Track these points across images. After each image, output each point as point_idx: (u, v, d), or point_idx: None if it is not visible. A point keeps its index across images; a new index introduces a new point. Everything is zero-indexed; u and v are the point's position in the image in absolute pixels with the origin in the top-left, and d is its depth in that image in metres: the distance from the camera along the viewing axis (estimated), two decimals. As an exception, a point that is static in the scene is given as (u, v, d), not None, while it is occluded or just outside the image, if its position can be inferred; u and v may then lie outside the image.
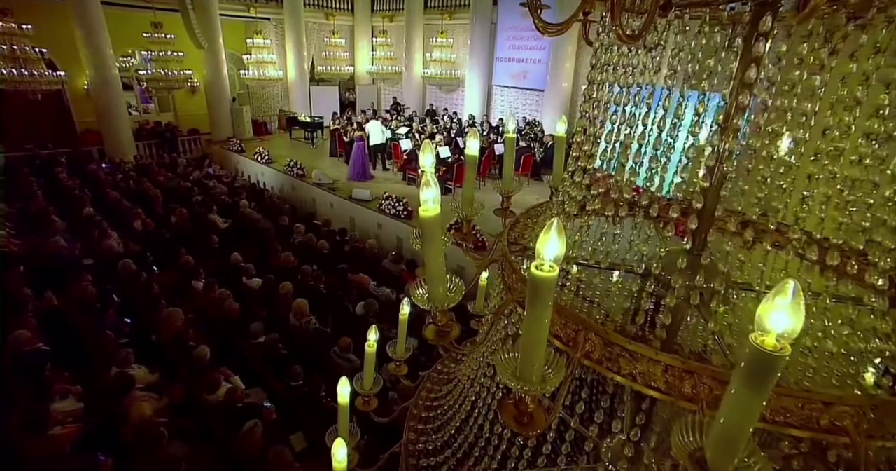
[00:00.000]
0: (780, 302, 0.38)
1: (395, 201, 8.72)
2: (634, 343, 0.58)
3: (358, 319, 5.67)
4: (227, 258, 6.90)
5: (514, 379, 0.50)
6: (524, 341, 0.50)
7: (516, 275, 0.76)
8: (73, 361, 4.59)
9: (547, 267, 0.47)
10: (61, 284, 5.86)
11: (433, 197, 0.62)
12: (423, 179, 0.63)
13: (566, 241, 0.46)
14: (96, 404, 4.03)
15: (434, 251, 0.65)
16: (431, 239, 0.64)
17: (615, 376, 0.60)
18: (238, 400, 4.32)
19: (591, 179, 0.79)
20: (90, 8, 10.69)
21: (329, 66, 16.83)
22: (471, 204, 1.05)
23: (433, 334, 0.73)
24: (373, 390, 1.36)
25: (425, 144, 0.80)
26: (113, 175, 10.68)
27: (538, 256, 0.47)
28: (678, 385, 0.56)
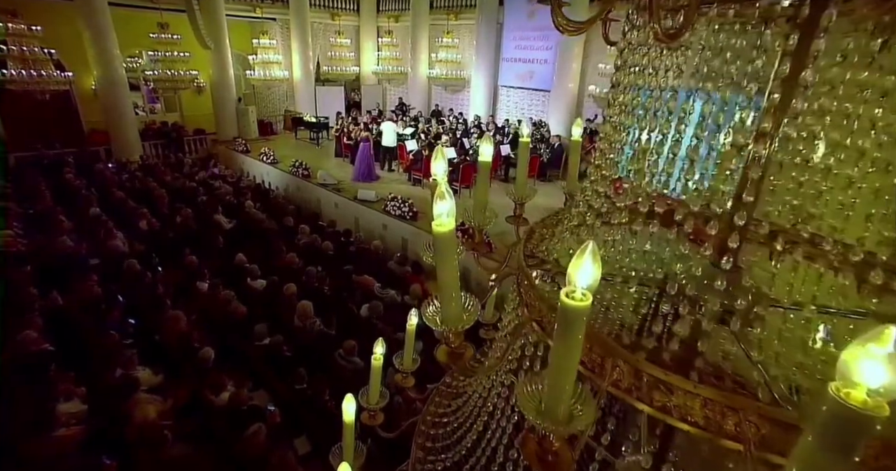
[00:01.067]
0: (875, 351, 0.32)
1: (400, 202, 8.68)
2: (670, 374, 0.52)
3: (362, 321, 5.64)
4: (232, 259, 6.89)
5: (538, 416, 0.45)
6: (551, 375, 0.45)
7: (534, 291, 0.71)
8: (77, 361, 4.58)
9: (579, 295, 0.42)
10: (67, 284, 5.87)
11: (448, 210, 0.58)
12: (437, 191, 0.59)
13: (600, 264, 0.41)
14: (100, 406, 4.02)
15: (448, 268, 0.60)
16: (445, 255, 0.59)
17: (647, 408, 0.55)
18: (242, 403, 4.29)
19: (616, 189, 0.74)
20: (98, 9, 10.75)
21: (334, 66, 16.83)
22: (484, 211, 1.00)
23: (445, 356, 0.68)
24: (379, 404, 1.31)
25: (437, 151, 0.75)
26: (119, 175, 10.72)
27: (570, 281, 0.42)
28: (719, 421, 0.50)
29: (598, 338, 0.59)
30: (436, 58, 15.75)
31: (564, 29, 0.77)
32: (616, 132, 0.72)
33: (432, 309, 0.73)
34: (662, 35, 0.53)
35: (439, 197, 0.58)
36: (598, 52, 12.54)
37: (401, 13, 17.14)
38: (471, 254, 1.05)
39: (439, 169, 0.75)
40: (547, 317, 0.67)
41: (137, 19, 12.70)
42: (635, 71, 0.69)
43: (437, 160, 0.75)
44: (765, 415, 0.47)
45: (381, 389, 1.33)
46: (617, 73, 0.79)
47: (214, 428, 4.13)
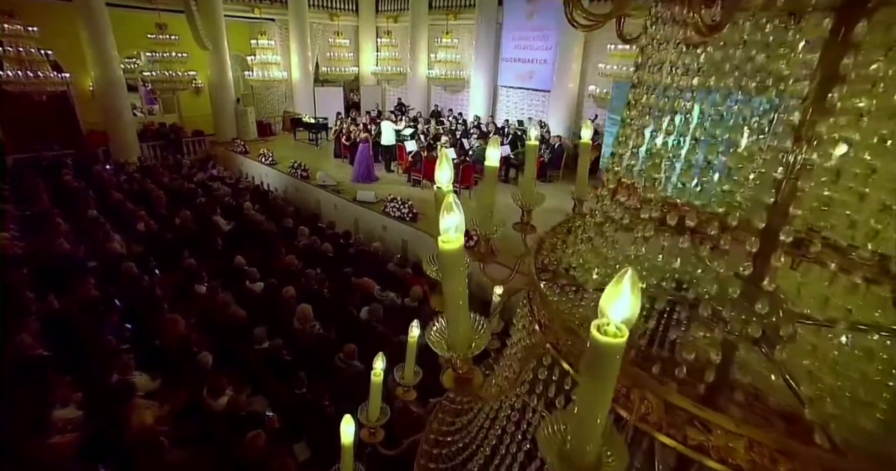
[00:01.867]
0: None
1: (400, 204, 8.63)
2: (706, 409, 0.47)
3: (362, 324, 5.58)
4: (231, 261, 6.83)
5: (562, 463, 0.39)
6: (578, 416, 0.39)
7: (548, 310, 0.65)
8: (74, 366, 4.51)
9: (613, 329, 0.36)
10: (64, 287, 5.80)
11: (456, 225, 0.52)
12: (444, 202, 0.53)
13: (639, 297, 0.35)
14: (97, 412, 3.95)
15: (455, 287, 0.54)
16: (453, 273, 0.54)
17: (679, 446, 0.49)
18: (241, 408, 4.23)
19: (634, 197, 0.68)
20: (95, 9, 10.69)
21: (333, 66, 16.78)
22: (490, 218, 0.94)
23: (452, 383, 0.62)
24: (379, 421, 1.25)
25: (441, 157, 0.69)
26: (117, 176, 10.66)
27: (602, 313, 0.36)
28: (768, 467, 0.44)
29: (624, 366, 0.53)
30: (435, 58, 15.70)
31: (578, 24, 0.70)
32: (638, 136, 0.67)
33: (437, 331, 0.67)
34: (703, 28, 0.47)
35: (446, 209, 0.52)
36: (598, 52, 12.49)
37: (400, 13, 17.08)
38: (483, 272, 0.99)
39: (444, 177, 0.69)
40: (563, 339, 0.62)
41: (135, 20, 12.64)
42: (661, 69, 0.63)
43: (441, 167, 0.69)
44: (828, 467, 0.41)
45: (382, 404, 1.27)
46: (638, 72, 0.73)
47: (213, 434, 4.07)
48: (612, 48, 11.56)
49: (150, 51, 12.69)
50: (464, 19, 15.24)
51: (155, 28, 12.10)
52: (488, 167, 0.89)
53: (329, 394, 4.46)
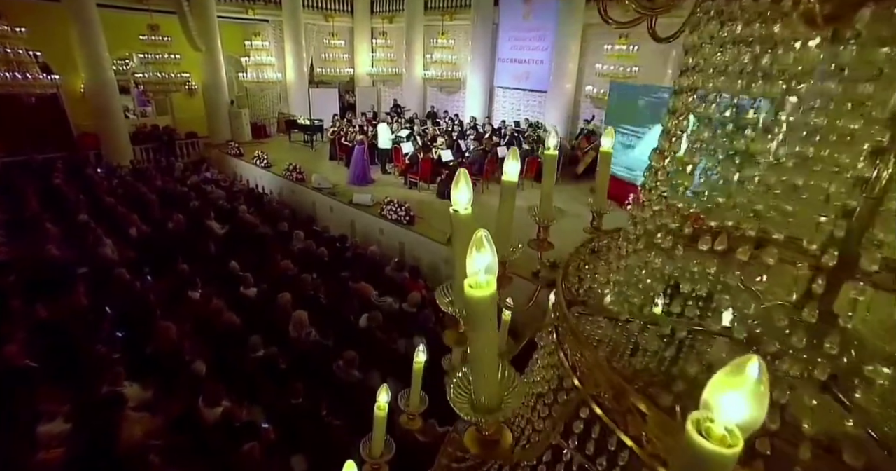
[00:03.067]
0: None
1: (396, 206, 8.52)
2: None
3: (360, 331, 5.47)
4: (225, 266, 6.70)
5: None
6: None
7: (587, 355, 0.55)
8: (62, 377, 4.37)
9: (721, 432, 0.25)
10: (54, 294, 5.65)
11: (487, 265, 0.42)
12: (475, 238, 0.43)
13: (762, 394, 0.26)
14: (85, 425, 3.82)
15: (485, 340, 0.45)
16: (483, 325, 0.44)
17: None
18: (235, 419, 4.11)
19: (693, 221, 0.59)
20: (85, 10, 10.52)
21: (328, 68, 16.66)
22: (508, 240, 0.85)
23: (477, 446, 0.52)
24: (384, 457, 1.15)
25: (460, 176, 0.59)
26: (109, 180, 10.48)
27: (707, 406, 0.26)
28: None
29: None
30: (431, 59, 15.61)
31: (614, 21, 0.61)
32: (694, 153, 0.57)
33: (458, 386, 0.57)
34: (818, 19, 0.38)
35: (476, 246, 0.42)
36: (594, 53, 12.45)
37: (395, 14, 16.98)
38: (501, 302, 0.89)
39: (463, 198, 0.59)
40: (608, 393, 0.52)
41: (127, 21, 12.47)
42: (719, 72, 0.53)
43: (459, 187, 0.59)
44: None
45: (387, 437, 1.17)
46: (684, 76, 0.64)
47: (206, 446, 3.95)
48: (609, 48, 11.52)
49: (142, 52, 12.52)
50: (459, 20, 15.17)
51: (147, 29, 11.93)
52: (506, 182, 0.80)
53: (327, 404, 4.35)
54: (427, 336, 5.53)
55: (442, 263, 7.86)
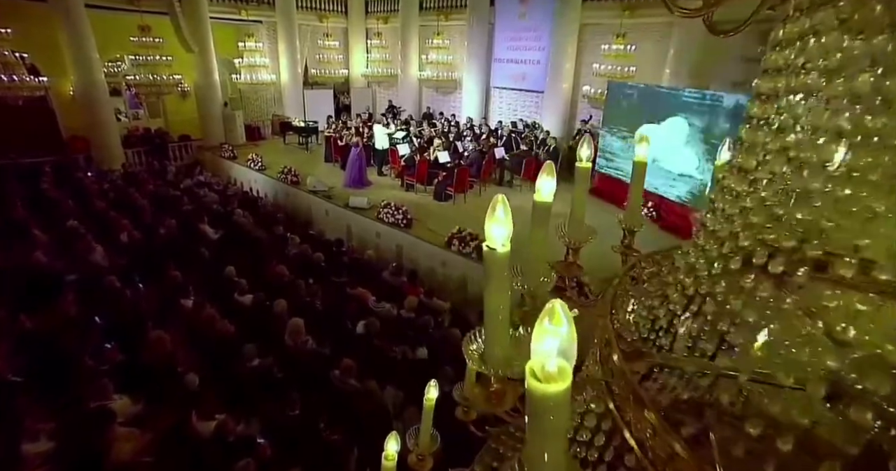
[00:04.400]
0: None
1: (393, 209, 8.38)
2: None
3: (358, 338, 5.33)
4: (218, 271, 6.54)
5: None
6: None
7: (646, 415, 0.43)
8: (48, 391, 4.21)
9: None
10: (41, 304, 5.47)
11: (564, 349, 0.29)
12: (550, 311, 0.31)
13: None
14: (71, 443, 3.66)
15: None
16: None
17: None
18: (229, 433, 3.96)
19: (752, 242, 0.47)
20: (73, 11, 10.31)
21: (323, 69, 16.52)
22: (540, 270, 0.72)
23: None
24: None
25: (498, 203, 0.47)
26: (99, 184, 10.28)
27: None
28: None
29: None
30: (426, 59, 15.50)
31: (681, 10, 0.49)
32: (797, 172, 0.45)
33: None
34: None
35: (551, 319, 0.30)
36: (591, 52, 12.38)
37: (390, 14, 16.86)
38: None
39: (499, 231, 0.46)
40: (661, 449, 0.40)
41: (117, 22, 12.26)
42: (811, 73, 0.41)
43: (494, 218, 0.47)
44: None
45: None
46: (768, 77, 0.51)
47: (199, 463, 3.80)
48: (607, 48, 11.45)
49: (133, 54, 12.33)
50: (455, 20, 15.06)
51: (138, 30, 11.76)
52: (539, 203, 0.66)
53: (325, 416, 4.21)
54: (427, 343, 5.41)
55: (439, 266, 7.74)
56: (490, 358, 0.51)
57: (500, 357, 0.51)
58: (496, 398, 0.55)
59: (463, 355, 0.54)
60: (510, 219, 0.47)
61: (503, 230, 0.47)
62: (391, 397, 4.65)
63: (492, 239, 0.47)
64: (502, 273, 0.47)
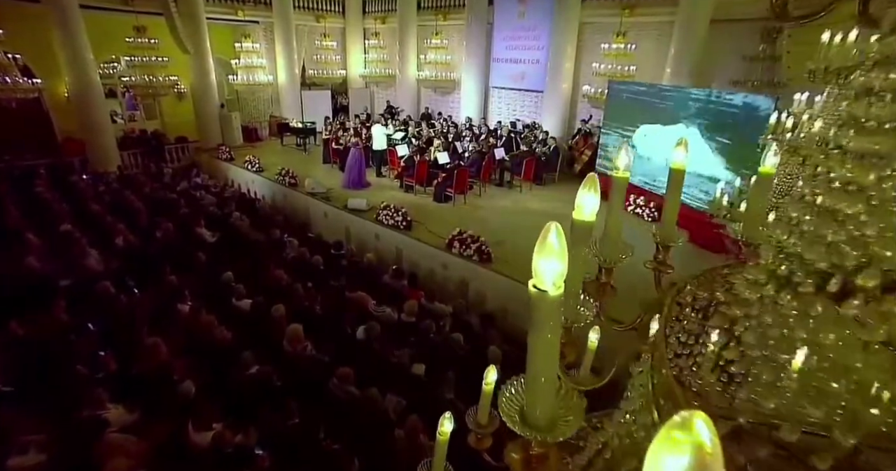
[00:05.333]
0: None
1: (393, 211, 8.28)
2: None
3: (359, 344, 5.22)
4: (215, 276, 6.43)
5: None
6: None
7: None
8: (39, 401, 4.09)
9: None
10: (33, 311, 5.35)
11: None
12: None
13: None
14: (63, 456, 3.55)
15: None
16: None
17: None
18: (226, 444, 3.85)
19: None
20: (68, 12, 10.17)
21: (320, 69, 16.41)
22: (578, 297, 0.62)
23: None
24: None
25: (551, 231, 0.37)
26: (95, 187, 10.14)
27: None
28: None
29: None
30: (424, 59, 15.40)
31: None
32: None
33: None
34: None
35: None
36: (591, 52, 12.30)
37: (387, 14, 16.75)
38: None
39: (552, 270, 0.37)
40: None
41: (112, 23, 12.14)
42: None
43: (545, 250, 0.37)
44: None
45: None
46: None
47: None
48: (606, 47, 11.36)
49: (128, 55, 12.19)
50: (453, 19, 14.97)
51: (133, 31, 11.64)
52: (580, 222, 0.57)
53: (325, 425, 4.10)
54: (428, 349, 5.30)
55: (440, 269, 7.63)
56: (533, 420, 0.41)
57: (545, 420, 0.41)
58: (537, 463, 0.45)
59: (465, 359, 0.44)
60: (566, 252, 0.37)
61: (557, 267, 0.37)
62: (392, 404, 4.55)
63: (542, 278, 0.37)
64: (554, 320, 0.37)
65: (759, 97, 7.13)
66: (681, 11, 10.01)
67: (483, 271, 6.98)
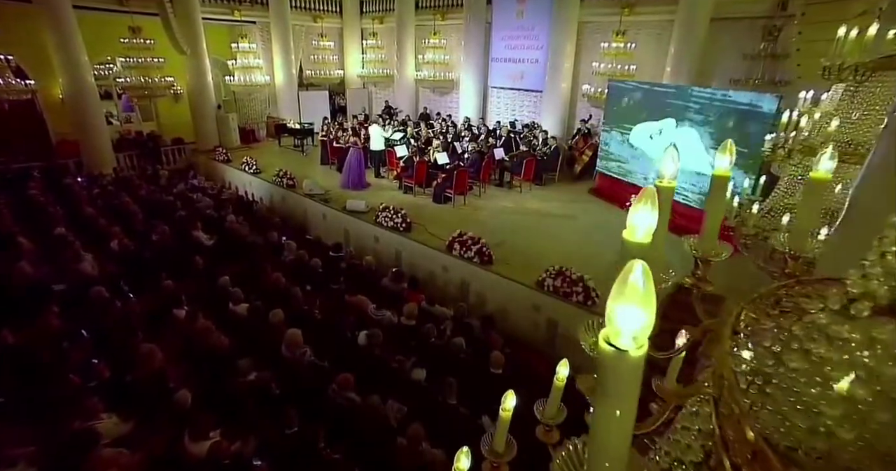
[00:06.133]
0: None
1: (392, 213, 8.18)
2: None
3: (359, 349, 5.12)
4: (212, 279, 6.32)
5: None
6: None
7: None
8: (29, 412, 3.98)
9: None
10: (25, 317, 5.23)
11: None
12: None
13: None
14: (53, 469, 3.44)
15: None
16: None
17: None
18: (224, 455, 3.74)
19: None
20: (61, 12, 10.04)
21: (318, 70, 16.30)
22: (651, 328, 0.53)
23: None
24: None
25: (631, 270, 0.27)
26: (90, 189, 10.01)
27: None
28: None
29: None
30: (423, 59, 15.31)
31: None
32: None
33: None
34: None
35: None
36: (590, 51, 12.22)
37: (385, 14, 16.65)
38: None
39: (631, 324, 0.27)
40: None
41: (107, 23, 12.01)
42: None
43: (622, 299, 0.27)
44: None
45: None
46: None
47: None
48: (606, 46, 11.29)
49: (124, 56, 12.06)
50: (452, 19, 14.88)
51: (128, 32, 11.51)
52: (633, 244, 0.47)
53: (325, 433, 4.00)
54: (429, 353, 5.21)
55: (440, 271, 7.54)
56: None
57: None
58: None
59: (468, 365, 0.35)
60: (654, 299, 0.27)
61: (643, 318, 0.27)
62: (393, 410, 4.45)
63: (619, 332, 0.27)
64: (632, 387, 0.28)
65: (764, 96, 7.05)
66: (681, 10, 9.94)
67: (483, 273, 6.89)
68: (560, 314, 6.11)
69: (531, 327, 6.44)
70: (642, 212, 0.47)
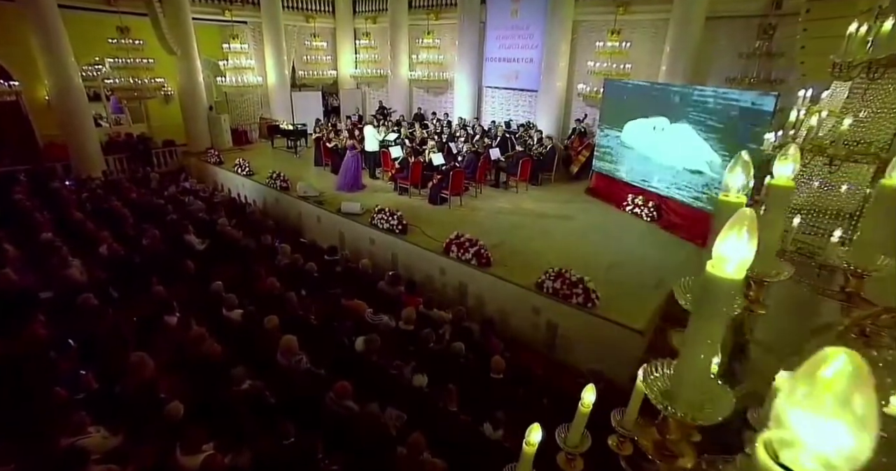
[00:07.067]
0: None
1: (388, 215, 8.06)
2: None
3: (357, 356, 5.00)
4: (205, 284, 6.17)
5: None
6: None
7: None
8: (12, 428, 3.82)
9: None
10: (10, 326, 5.06)
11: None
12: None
13: None
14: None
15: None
16: None
17: None
18: (217, 468, 3.61)
19: None
20: (46, 11, 9.81)
21: (311, 70, 16.14)
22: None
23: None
24: None
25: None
26: (78, 193, 9.80)
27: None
28: None
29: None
30: (416, 59, 15.20)
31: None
32: None
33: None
34: None
35: None
36: (586, 50, 12.17)
37: (378, 14, 16.53)
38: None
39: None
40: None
41: (94, 23, 11.79)
42: None
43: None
44: None
45: None
46: None
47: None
48: (601, 45, 11.25)
49: (112, 57, 11.84)
50: (446, 19, 14.78)
51: (116, 32, 11.30)
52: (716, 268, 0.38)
53: (322, 444, 3.88)
54: (429, 359, 5.09)
55: (437, 274, 7.43)
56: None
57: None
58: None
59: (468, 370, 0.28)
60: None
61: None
62: (393, 418, 4.34)
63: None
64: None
65: (764, 95, 7.00)
66: (675, 8, 9.91)
67: (481, 275, 6.79)
68: (560, 316, 6.03)
69: (531, 330, 6.35)
70: (734, 240, 0.37)
